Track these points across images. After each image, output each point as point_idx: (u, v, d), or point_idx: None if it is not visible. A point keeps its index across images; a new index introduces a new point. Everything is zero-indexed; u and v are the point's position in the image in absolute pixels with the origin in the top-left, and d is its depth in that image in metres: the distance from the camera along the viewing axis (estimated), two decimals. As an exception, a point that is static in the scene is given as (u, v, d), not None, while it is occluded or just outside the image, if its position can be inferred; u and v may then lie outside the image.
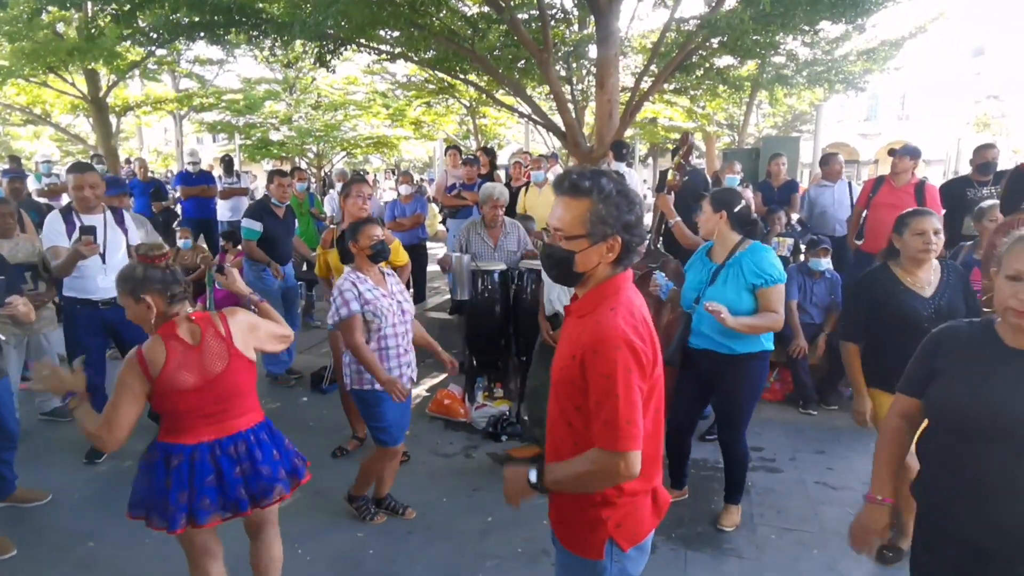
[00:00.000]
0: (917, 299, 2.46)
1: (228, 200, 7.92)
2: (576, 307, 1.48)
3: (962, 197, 4.90)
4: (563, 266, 1.42)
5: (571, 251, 1.39)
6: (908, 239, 2.46)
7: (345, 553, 2.80)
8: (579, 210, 1.37)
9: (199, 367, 1.90)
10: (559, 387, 1.47)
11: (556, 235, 1.41)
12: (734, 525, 2.95)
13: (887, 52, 12.31)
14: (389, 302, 2.77)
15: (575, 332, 1.43)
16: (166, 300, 1.92)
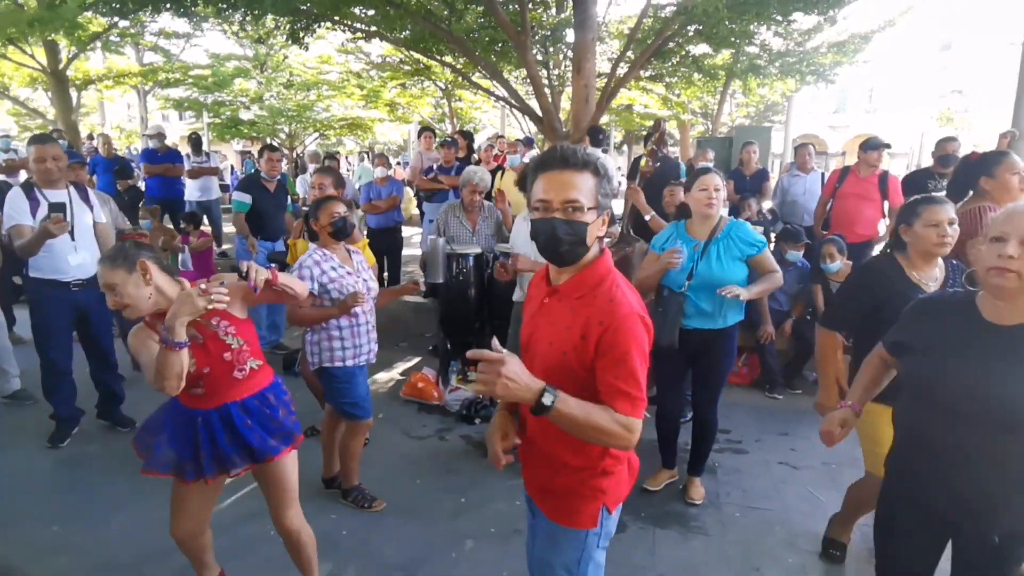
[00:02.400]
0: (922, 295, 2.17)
1: (197, 180, 7.71)
2: (567, 288, 1.44)
3: (923, 189, 5.03)
4: (578, 241, 1.38)
5: (586, 224, 1.38)
6: (920, 231, 2.18)
7: (319, 533, 2.75)
8: (589, 183, 1.38)
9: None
10: (552, 372, 1.40)
11: (568, 208, 1.35)
12: (702, 497, 3.08)
13: (857, 45, 12.54)
14: (355, 279, 2.78)
15: (570, 313, 1.40)
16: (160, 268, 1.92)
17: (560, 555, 1.55)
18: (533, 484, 1.62)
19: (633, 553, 2.70)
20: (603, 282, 1.41)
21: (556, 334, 1.43)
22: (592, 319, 1.37)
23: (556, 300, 1.46)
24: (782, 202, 6.03)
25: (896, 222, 2.33)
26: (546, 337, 1.45)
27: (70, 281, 3.35)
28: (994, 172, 2.78)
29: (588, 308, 1.39)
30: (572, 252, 1.40)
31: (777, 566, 2.64)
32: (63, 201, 3.19)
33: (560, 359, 1.41)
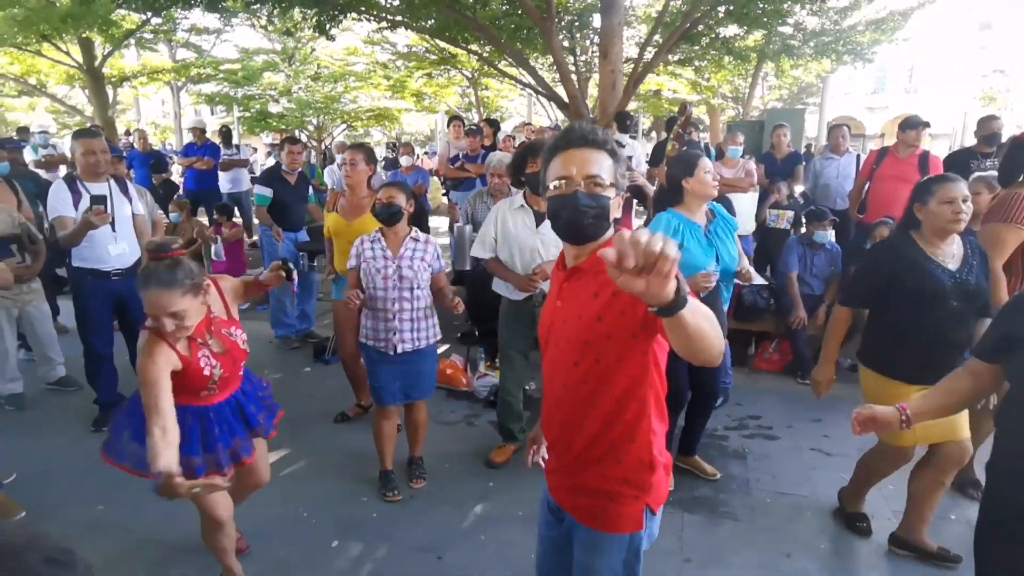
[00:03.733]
0: (943, 271, 2.25)
1: (228, 172, 7.88)
2: (588, 264, 1.38)
3: (966, 169, 4.85)
4: (603, 214, 1.34)
5: (609, 198, 1.35)
6: (935, 208, 2.23)
7: (349, 516, 2.86)
8: (608, 162, 1.36)
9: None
10: (585, 345, 1.35)
11: (591, 183, 1.32)
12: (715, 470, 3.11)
13: (896, 22, 12.10)
14: (384, 264, 2.78)
15: (595, 283, 1.35)
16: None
17: (606, 560, 1.46)
18: (563, 488, 1.52)
19: (661, 537, 2.64)
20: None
21: (584, 306, 1.37)
22: (618, 292, 1.28)
23: (576, 280, 1.41)
24: (815, 185, 5.87)
25: (911, 201, 2.34)
26: (574, 313, 1.39)
27: (110, 270, 3.47)
28: None
29: (607, 283, 1.29)
30: (596, 227, 1.35)
31: (808, 552, 2.60)
32: (104, 194, 3.30)
33: (595, 324, 1.33)
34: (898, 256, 2.32)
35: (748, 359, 4.64)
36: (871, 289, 2.42)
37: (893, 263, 2.33)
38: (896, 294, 2.32)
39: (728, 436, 3.59)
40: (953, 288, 2.23)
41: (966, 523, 2.79)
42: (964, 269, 2.27)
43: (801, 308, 4.28)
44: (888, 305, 2.36)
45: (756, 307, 4.46)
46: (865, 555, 2.59)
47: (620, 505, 1.41)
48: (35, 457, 3.32)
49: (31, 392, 4.06)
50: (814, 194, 5.82)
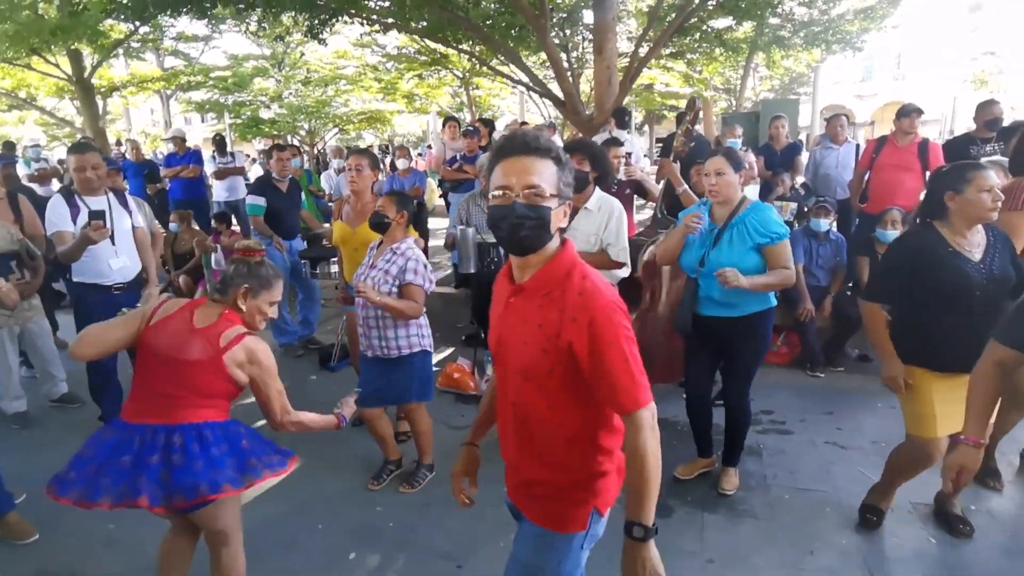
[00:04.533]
0: (968, 263, 2.21)
1: (224, 180, 7.81)
2: (533, 284, 1.37)
3: (966, 155, 4.84)
4: (541, 227, 1.31)
5: (549, 208, 1.32)
6: (972, 196, 2.16)
7: (364, 524, 2.83)
8: (551, 170, 1.33)
9: (172, 340, 1.92)
10: (532, 372, 1.37)
11: (530, 193, 1.30)
12: (735, 488, 2.98)
13: (884, 10, 12.11)
14: (364, 272, 2.92)
15: (539, 311, 1.35)
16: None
17: (549, 559, 1.47)
18: (518, 490, 1.54)
19: (681, 539, 2.67)
20: (570, 276, 1.35)
21: (529, 333, 1.36)
22: (565, 315, 1.31)
23: (522, 299, 1.39)
24: (815, 176, 5.86)
25: (938, 189, 2.28)
26: (520, 337, 1.38)
27: (112, 284, 3.42)
28: None
29: (558, 304, 1.32)
30: (535, 238, 1.33)
31: (830, 549, 2.58)
32: (103, 208, 3.25)
33: (540, 357, 1.35)
34: (920, 249, 2.28)
35: (756, 353, 4.61)
36: (895, 282, 2.38)
37: (916, 256, 2.29)
38: (921, 288, 2.28)
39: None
40: (978, 279, 2.21)
41: (986, 513, 2.78)
42: (988, 257, 2.25)
43: (809, 300, 4.26)
44: (914, 299, 2.33)
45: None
46: (889, 549, 2.57)
47: (570, 506, 1.44)
48: (43, 476, 3.20)
49: (35, 410, 4.01)
50: (814, 184, 5.81)
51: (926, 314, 2.31)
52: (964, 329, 2.23)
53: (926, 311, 2.31)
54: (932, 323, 2.30)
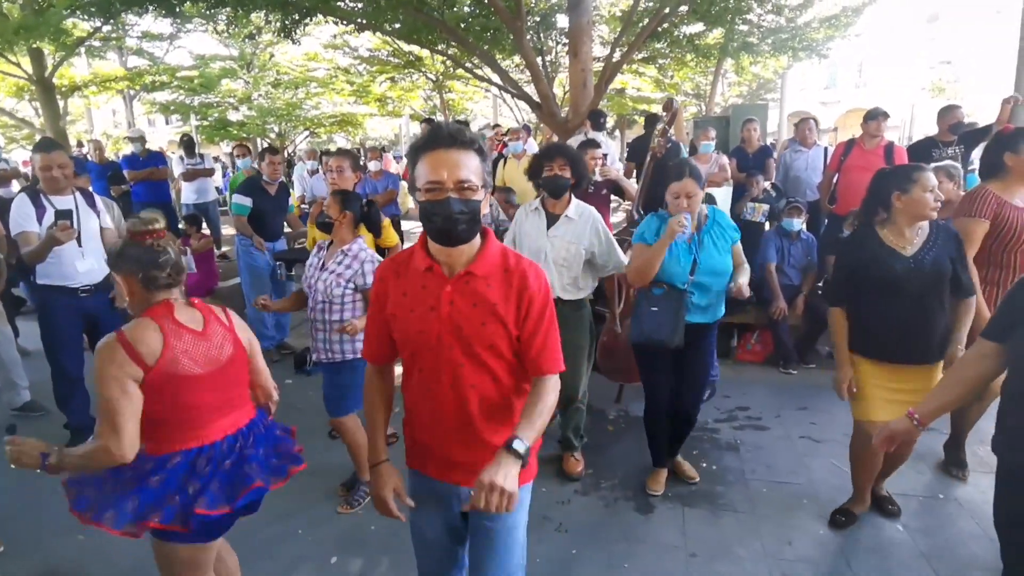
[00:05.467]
0: (898, 258, 2.37)
1: (192, 182, 7.63)
2: (482, 269, 1.45)
3: (928, 157, 5.02)
4: (475, 220, 1.38)
5: (479, 202, 1.39)
6: (917, 195, 2.30)
7: (347, 532, 2.79)
8: (476, 162, 1.38)
9: (205, 354, 1.71)
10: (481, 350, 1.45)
11: (462, 188, 1.34)
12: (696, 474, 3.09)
13: (848, 18, 12.48)
14: (311, 273, 2.82)
15: (490, 292, 1.44)
16: (140, 283, 1.68)
17: (520, 513, 1.61)
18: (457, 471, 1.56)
19: (664, 533, 2.70)
20: (506, 257, 1.48)
21: (486, 313, 1.44)
22: (513, 290, 1.45)
23: (470, 285, 1.45)
24: (785, 178, 6.00)
25: (884, 188, 2.39)
26: (477, 319, 1.44)
27: (78, 287, 3.31)
28: (1019, 148, 2.69)
29: (506, 282, 1.45)
30: (469, 231, 1.40)
31: (809, 539, 2.64)
32: (69, 208, 3.14)
33: (500, 332, 1.45)
34: (859, 250, 2.45)
35: (731, 351, 4.69)
36: (841, 283, 2.54)
37: (855, 256, 2.46)
38: (861, 284, 2.45)
39: (719, 429, 3.62)
40: (905, 272, 2.34)
41: (955, 501, 2.87)
42: (923, 252, 2.36)
43: (781, 299, 4.35)
44: (856, 294, 2.49)
45: (737, 299, 4.51)
46: (865, 539, 2.63)
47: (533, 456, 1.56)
48: (6, 488, 3.14)
49: (-5, 420, 3.85)
50: (784, 186, 5.94)
51: (863, 307, 2.47)
52: (895, 321, 2.38)
53: (863, 304, 2.47)
54: (867, 315, 2.45)
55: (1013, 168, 2.71)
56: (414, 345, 1.49)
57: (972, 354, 1.71)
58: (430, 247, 1.47)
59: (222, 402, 1.77)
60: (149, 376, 1.61)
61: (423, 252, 1.48)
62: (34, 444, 1.61)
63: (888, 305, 2.38)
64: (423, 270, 1.47)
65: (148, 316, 1.67)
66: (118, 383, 1.58)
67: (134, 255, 1.68)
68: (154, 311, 1.69)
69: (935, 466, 3.14)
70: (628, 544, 2.63)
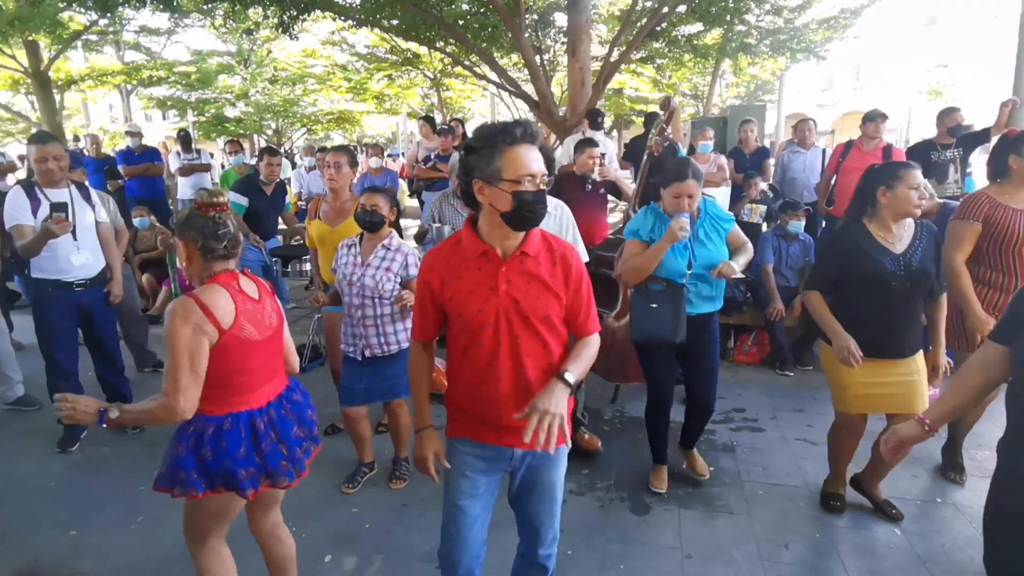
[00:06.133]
0: (887, 255, 2.41)
1: (189, 177, 7.59)
2: (533, 249, 1.63)
3: (926, 160, 5.04)
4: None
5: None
6: (902, 192, 2.35)
7: (341, 528, 2.77)
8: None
9: (261, 322, 1.82)
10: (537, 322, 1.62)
11: (545, 181, 1.55)
12: (707, 469, 3.10)
13: (847, 20, 12.50)
14: (352, 271, 2.82)
15: (542, 268, 1.63)
16: (199, 251, 1.76)
17: (560, 471, 1.81)
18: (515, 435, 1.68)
19: (659, 535, 2.69)
20: (547, 239, 1.68)
21: (541, 287, 1.63)
22: (559, 267, 1.65)
23: (526, 263, 1.63)
24: (782, 179, 6.00)
25: (871, 185, 2.46)
26: (533, 293, 1.62)
27: (73, 281, 3.28)
28: (1023, 151, 2.68)
29: (552, 259, 1.65)
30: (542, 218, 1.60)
31: (805, 541, 2.63)
32: (65, 200, 3.11)
33: (553, 303, 1.63)
34: (848, 244, 2.49)
35: (728, 352, 4.69)
36: (828, 274, 2.59)
37: (844, 250, 2.50)
38: (848, 277, 2.50)
39: (715, 430, 3.61)
40: (895, 270, 2.40)
41: (952, 505, 2.87)
42: (911, 251, 2.43)
43: (778, 300, 4.35)
44: (842, 287, 2.55)
45: (734, 300, 4.53)
46: (861, 541, 2.62)
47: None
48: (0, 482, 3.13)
49: (-12, 414, 3.82)
50: (782, 187, 5.94)
51: (849, 302, 2.52)
52: (881, 316, 2.45)
53: (850, 299, 2.52)
54: (854, 310, 2.50)
55: (1017, 171, 2.70)
56: (475, 324, 1.62)
57: (978, 359, 1.70)
58: (484, 233, 1.62)
59: (269, 369, 1.87)
60: (224, 338, 1.70)
61: (475, 238, 1.62)
62: (89, 401, 1.65)
63: (874, 301, 2.45)
64: (479, 254, 1.62)
65: (216, 283, 1.76)
66: (192, 342, 1.65)
67: (198, 224, 1.76)
68: (221, 279, 1.77)
69: (932, 470, 3.14)
70: (623, 545, 2.62)
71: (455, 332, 1.68)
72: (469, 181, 1.57)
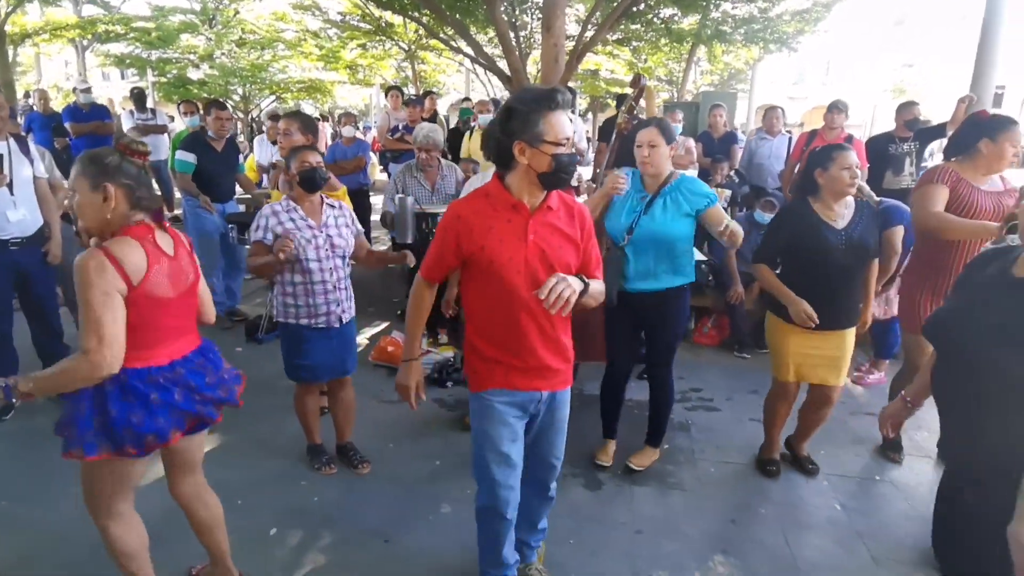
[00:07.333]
0: (831, 231, 2.59)
1: (144, 139, 7.27)
2: (557, 203, 1.81)
3: (884, 152, 5.16)
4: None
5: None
6: (836, 173, 2.54)
7: (289, 502, 2.71)
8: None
9: (176, 278, 1.73)
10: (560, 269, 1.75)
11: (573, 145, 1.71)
12: (644, 466, 2.99)
13: (818, 13, 12.66)
14: (313, 234, 2.61)
15: (561, 220, 1.81)
16: (129, 201, 1.67)
17: (568, 409, 2.01)
18: (537, 377, 1.87)
19: (612, 510, 2.71)
20: (562, 195, 1.84)
21: (564, 237, 1.80)
22: (575, 219, 1.84)
23: (549, 216, 1.79)
24: (749, 164, 6.06)
25: (811, 167, 2.65)
26: (557, 243, 1.79)
27: (8, 239, 3.10)
28: (997, 137, 2.68)
29: (568, 213, 1.83)
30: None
31: (752, 517, 2.69)
32: (1, 153, 2.92)
33: (574, 251, 1.82)
34: (796, 220, 2.66)
35: (689, 334, 4.74)
36: (777, 248, 2.77)
37: (793, 226, 2.67)
38: (794, 252, 2.69)
39: (672, 409, 3.64)
40: (838, 244, 2.58)
41: (889, 483, 2.96)
42: (851, 227, 2.61)
43: (739, 284, 4.40)
44: (788, 261, 2.75)
45: (696, 283, 4.55)
46: (804, 516, 2.69)
47: (569, 369, 1.96)
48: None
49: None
50: (748, 173, 6.00)
51: (793, 275, 2.70)
52: (822, 289, 2.61)
53: (793, 272, 2.70)
54: (797, 283, 2.66)
55: (986, 155, 2.70)
56: (505, 270, 1.74)
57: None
58: (514, 188, 1.75)
59: (179, 326, 1.79)
60: (132, 294, 1.61)
61: (505, 192, 1.76)
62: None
63: (817, 275, 2.61)
64: (509, 207, 1.75)
65: (128, 235, 1.65)
66: (107, 293, 1.55)
67: (132, 171, 1.68)
68: (134, 231, 1.67)
69: (873, 449, 3.24)
70: (575, 521, 2.63)
71: (482, 281, 1.78)
72: (510, 143, 1.67)
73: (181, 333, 1.80)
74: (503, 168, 1.76)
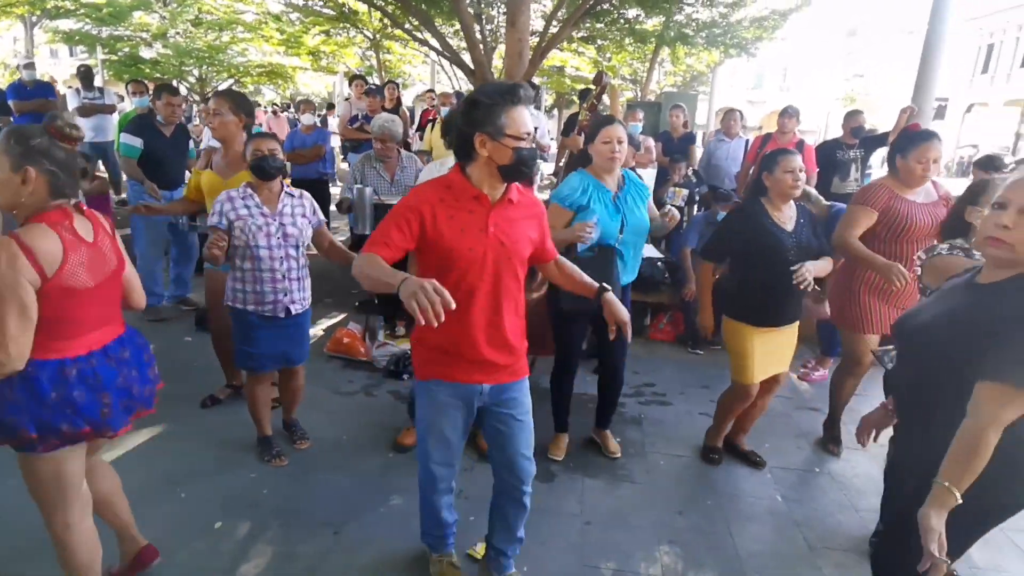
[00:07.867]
0: (783, 233, 2.68)
1: (90, 119, 6.97)
2: (519, 197, 1.83)
3: (832, 158, 5.38)
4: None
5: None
6: (779, 176, 2.64)
7: (237, 494, 2.65)
8: None
9: (95, 266, 1.65)
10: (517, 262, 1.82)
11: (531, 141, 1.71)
12: (619, 448, 3.12)
13: (775, 21, 13.04)
14: (266, 221, 2.59)
15: (525, 211, 1.85)
16: (50, 187, 1.58)
17: (529, 395, 2.01)
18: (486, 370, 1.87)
19: (563, 502, 2.75)
20: (519, 189, 1.85)
21: (524, 230, 1.85)
22: (534, 212, 1.91)
23: (510, 210, 1.81)
24: (706, 165, 6.21)
25: (758, 171, 2.76)
26: (517, 235, 1.82)
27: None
28: (907, 154, 2.83)
29: (527, 206, 1.88)
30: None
31: (698, 509, 2.76)
32: None
33: (530, 243, 1.87)
34: (750, 220, 2.73)
35: (644, 329, 4.83)
36: (727, 248, 2.84)
37: (746, 225, 2.73)
38: (747, 252, 2.74)
39: (625, 403, 3.71)
40: (790, 246, 2.67)
41: (827, 475, 3.09)
42: (798, 228, 2.73)
43: (695, 281, 4.49)
44: (743, 259, 2.79)
45: (653, 279, 4.66)
46: (746, 507, 2.79)
47: (524, 357, 1.99)
48: None
49: None
50: (706, 173, 6.14)
51: (750, 276, 2.76)
52: (777, 288, 2.68)
53: (750, 274, 2.76)
54: (754, 284, 2.74)
55: (902, 170, 2.88)
56: (465, 260, 1.74)
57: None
58: (475, 179, 1.75)
59: (100, 315, 1.71)
60: (46, 286, 1.53)
61: (467, 183, 1.75)
62: None
63: (770, 274, 2.66)
64: (471, 198, 1.75)
65: (43, 222, 1.55)
66: (16, 286, 1.46)
67: (59, 157, 1.59)
68: (49, 217, 1.57)
69: (814, 443, 3.37)
70: (526, 511, 2.65)
71: (437, 269, 1.74)
72: (472, 134, 1.67)
73: (102, 322, 1.72)
74: (464, 159, 1.75)
